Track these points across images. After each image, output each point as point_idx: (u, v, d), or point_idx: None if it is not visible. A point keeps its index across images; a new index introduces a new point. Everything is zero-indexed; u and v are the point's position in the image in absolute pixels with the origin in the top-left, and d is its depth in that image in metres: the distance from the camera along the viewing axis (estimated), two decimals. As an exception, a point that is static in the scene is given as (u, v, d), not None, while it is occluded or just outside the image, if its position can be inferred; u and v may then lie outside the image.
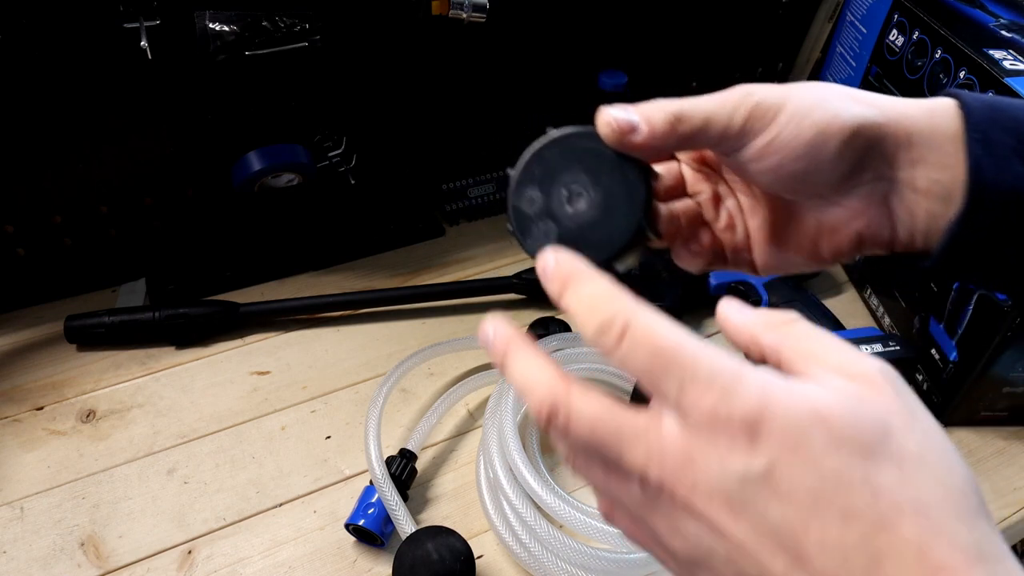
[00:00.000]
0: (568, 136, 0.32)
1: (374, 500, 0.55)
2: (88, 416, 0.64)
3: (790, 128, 0.31)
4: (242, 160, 0.69)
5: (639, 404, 0.25)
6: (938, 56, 0.64)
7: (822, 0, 0.88)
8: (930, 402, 0.66)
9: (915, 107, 0.33)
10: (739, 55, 0.91)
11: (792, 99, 0.32)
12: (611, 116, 0.31)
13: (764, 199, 0.37)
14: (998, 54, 0.59)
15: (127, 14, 0.58)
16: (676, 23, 0.83)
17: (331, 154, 0.75)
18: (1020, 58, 0.58)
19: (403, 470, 0.57)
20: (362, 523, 0.54)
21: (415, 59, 0.73)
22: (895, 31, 0.70)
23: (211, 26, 0.60)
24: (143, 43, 0.58)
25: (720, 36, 0.87)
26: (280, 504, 0.58)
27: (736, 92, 0.32)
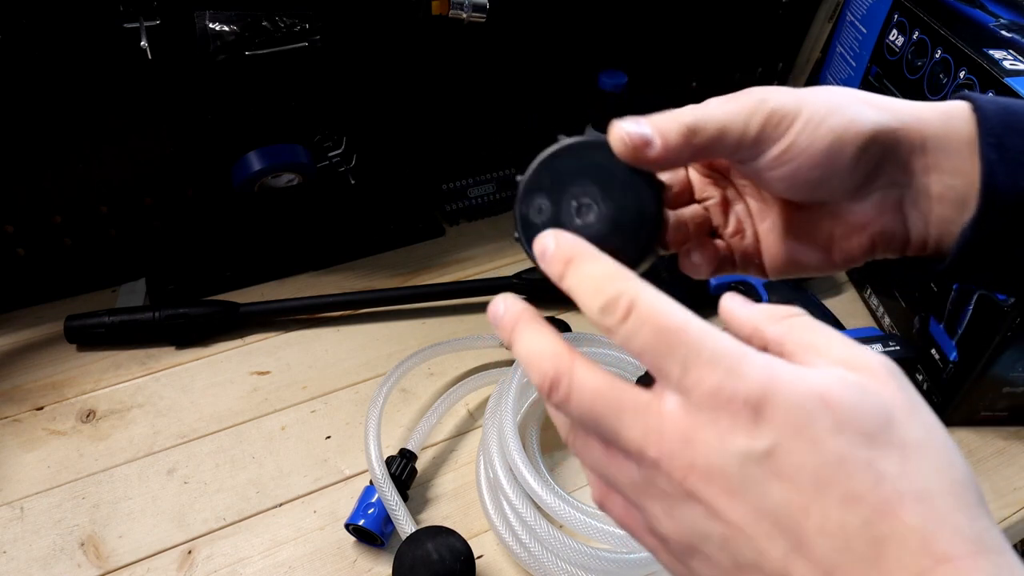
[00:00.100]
0: (579, 145, 0.31)
1: (374, 500, 0.55)
2: (88, 416, 0.64)
3: (806, 135, 0.30)
4: (242, 160, 0.69)
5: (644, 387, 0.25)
6: (938, 56, 0.64)
7: (822, 0, 0.88)
8: (930, 402, 0.64)
9: (929, 111, 0.32)
10: (739, 55, 0.91)
11: (807, 105, 0.31)
12: (624, 131, 0.30)
13: (775, 204, 0.36)
14: (998, 54, 0.59)
15: (127, 14, 0.58)
16: (676, 23, 0.83)
17: (331, 154, 0.75)
18: (1020, 58, 0.58)
19: (403, 470, 0.57)
20: (362, 523, 0.54)
21: (415, 59, 0.73)
22: (895, 31, 0.70)
23: (211, 26, 0.60)
24: (143, 43, 0.58)
25: (720, 36, 0.87)
26: (280, 504, 0.58)
27: (750, 98, 0.31)
